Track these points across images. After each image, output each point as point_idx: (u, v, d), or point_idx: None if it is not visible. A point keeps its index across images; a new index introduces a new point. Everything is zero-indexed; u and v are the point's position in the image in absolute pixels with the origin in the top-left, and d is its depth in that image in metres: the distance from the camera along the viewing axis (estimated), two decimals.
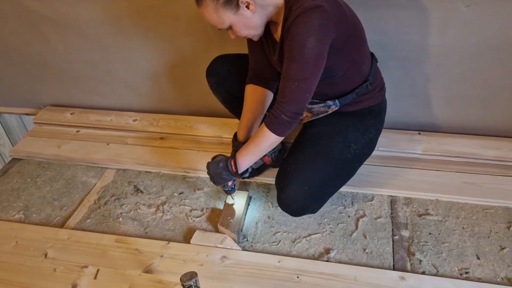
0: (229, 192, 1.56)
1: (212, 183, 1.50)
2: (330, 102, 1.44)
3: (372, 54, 1.50)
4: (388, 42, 1.68)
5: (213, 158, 1.47)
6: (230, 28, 1.27)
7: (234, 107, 1.68)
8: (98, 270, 1.46)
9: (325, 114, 1.48)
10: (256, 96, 1.49)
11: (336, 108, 1.45)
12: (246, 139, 1.50)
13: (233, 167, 1.38)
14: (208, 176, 1.46)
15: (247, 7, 1.20)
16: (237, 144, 1.51)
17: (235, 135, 1.56)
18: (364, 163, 1.68)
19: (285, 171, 1.42)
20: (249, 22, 1.25)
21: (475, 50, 1.63)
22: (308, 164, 1.39)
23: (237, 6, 1.19)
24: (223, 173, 1.41)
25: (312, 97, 1.28)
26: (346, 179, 1.50)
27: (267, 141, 1.33)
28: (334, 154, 1.41)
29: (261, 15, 1.25)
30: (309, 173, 1.38)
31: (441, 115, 1.87)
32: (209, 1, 1.19)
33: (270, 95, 1.53)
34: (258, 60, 1.48)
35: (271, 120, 1.30)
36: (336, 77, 1.37)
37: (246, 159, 1.38)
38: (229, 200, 1.62)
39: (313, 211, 1.46)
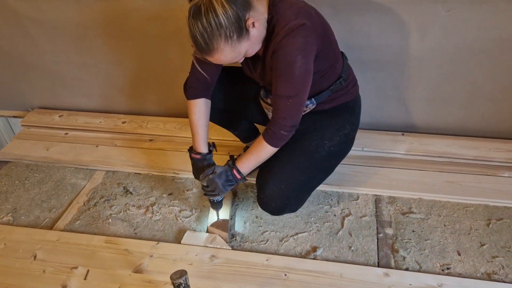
0: (219, 205, 1.55)
1: (204, 195, 1.50)
2: (307, 102, 1.46)
3: (342, 53, 1.53)
4: (372, 45, 1.72)
5: (201, 172, 1.46)
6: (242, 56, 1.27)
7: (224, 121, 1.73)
8: (88, 271, 1.47)
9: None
10: (207, 110, 1.51)
11: (313, 107, 1.48)
12: (209, 150, 1.52)
13: (237, 175, 1.41)
14: (207, 190, 1.45)
15: (253, 26, 1.19)
16: (209, 156, 1.51)
17: (193, 149, 1.52)
18: (349, 163, 1.72)
19: (263, 171, 1.46)
20: (257, 39, 1.26)
21: (455, 53, 1.68)
22: (285, 164, 1.43)
23: (247, 31, 1.18)
24: (229, 183, 1.42)
25: None
26: (324, 177, 1.53)
27: (267, 153, 1.39)
28: (310, 153, 1.45)
29: (262, 26, 1.25)
30: (286, 172, 1.42)
31: (423, 116, 1.92)
32: (224, 45, 1.17)
33: None
34: (211, 75, 1.45)
35: (270, 135, 1.34)
36: (313, 79, 1.40)
37: (247, 168, 1.42)
38: (213, 217, 1.60)
39: (292, 209, 1.50)
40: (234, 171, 1.40)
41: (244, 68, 1.49)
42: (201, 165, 1.50)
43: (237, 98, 1.64)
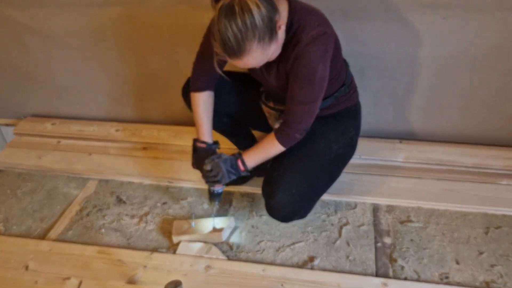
0: (218, 197, 1.54)
1: (205, 185, 1.51)
2: None
3: (344, 59, 1.54)
4: (369, 53, 1.72)
5: (203, 161, 1.45)
6: None
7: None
8: (80, 282, 1.44)
9: None
10: (211, 103, 1.50)
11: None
12: (213, 141, 1.52)
13: (241, 166, 1.41)
14: (210, 174, 1.43)
15: (280, 28, 1.18)
16: (214, 146, 1.50)
17: (199, 141, 1.50)
18: (347, 171, 1.71)
19: (271, 177, 1.44)
20: (281, 42, 1.24)
21: (452, 60, 1.68)
22: (294, 168, 1.42)
23: (276, 33, 1.16)
24: (232, 171, 1.42)
25: None
26: (332, 180, 1.53)
27: (275, 151, 1.40)
28: (318, 156, 1.45)
29: (285, 29, 1.24)
30: (295, 177, 1.40)
31: (421, 124, 1.91)
32: (256, 47, 1.13)
33: None
34: (217, 71, 1.40)
35: (283, 136, 1.36)
36: None
37: (253, 162, 1.43)
38: (208, 226, 1.59)
39: (303, 215, 1.48)
40: (239, 162, 1.41)
41: (255, 71, 1.44)
42: (204, 154, 1.48)
43: (238, 102, 1.62)
